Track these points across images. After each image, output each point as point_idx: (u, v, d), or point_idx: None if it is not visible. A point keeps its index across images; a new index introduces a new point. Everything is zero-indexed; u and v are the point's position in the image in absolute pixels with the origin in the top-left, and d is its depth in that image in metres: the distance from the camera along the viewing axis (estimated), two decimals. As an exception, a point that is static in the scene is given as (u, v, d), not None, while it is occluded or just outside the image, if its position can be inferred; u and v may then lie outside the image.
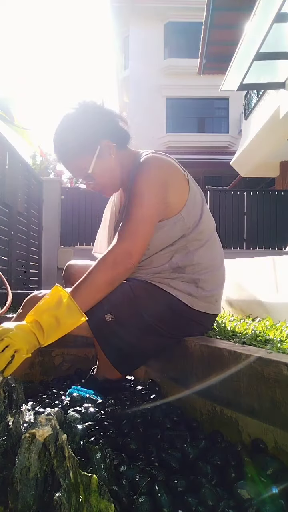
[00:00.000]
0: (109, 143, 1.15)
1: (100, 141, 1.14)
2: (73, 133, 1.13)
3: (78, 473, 0.64)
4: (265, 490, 0.75)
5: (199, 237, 1.21)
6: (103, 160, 1.15)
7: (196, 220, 1.20)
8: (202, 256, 1.22)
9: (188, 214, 1.18)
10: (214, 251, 1.28)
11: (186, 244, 1.20)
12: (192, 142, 14.39)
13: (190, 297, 1.20)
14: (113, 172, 1.19)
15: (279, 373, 0.85)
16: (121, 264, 1.06)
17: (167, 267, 1.21)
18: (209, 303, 1.24)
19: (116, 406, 1.17)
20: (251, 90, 7.78)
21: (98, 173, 1.16)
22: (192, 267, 1.20)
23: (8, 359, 0.89)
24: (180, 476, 0.80)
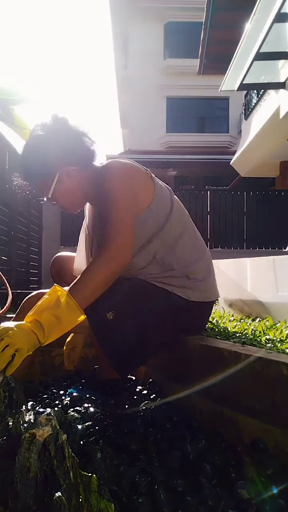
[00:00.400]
0: (68, 169, 1.19)
1: (59, 168, 1.18)
2: (33, 160, 1.17)
3: (78, 473, 0.64)
4: (265, 490, 0.75)
5: (174, 229, 1.24)
6: (63, 185, 1.20)
7: (166, 212, 1.24)
8: (183, 247, 1.25)
9: (157, 207, 1.22)
10: (194, 240, 1.31)
11: (163, 238, 1.22)
12: (192, 142, 14.38)
13: (184, 289, 1.22)
14: (74, 194, 1.24)
15: (279, 373, 0.85)
16: (117, 260, 1.08)
17: (155, 267, 1.23)
18: (204, 291, 1.26)
19: (116, 406, 1.17)
20: (251, 90, 7.77)
21: (58, 196, 1.22)
22: (178, 261, 1.23)
23: (8, 359, 0.89)
24: (180, 476, 0.80)
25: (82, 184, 1.24)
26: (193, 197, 8.19)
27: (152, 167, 5.93)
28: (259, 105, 7.52)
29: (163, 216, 1.23)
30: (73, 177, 1.21)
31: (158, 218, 1.22)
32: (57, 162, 1.17)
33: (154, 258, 1.22)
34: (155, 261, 1.22)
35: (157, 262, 1.22)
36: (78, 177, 1.22)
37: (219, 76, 6.27)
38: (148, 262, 1.22)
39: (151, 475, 0.79)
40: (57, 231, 7.66)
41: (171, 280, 1.22)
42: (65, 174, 1.20)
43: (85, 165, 1.22)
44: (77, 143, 1.20)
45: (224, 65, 5.84)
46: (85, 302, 1.04)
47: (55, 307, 0.98)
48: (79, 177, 1.22)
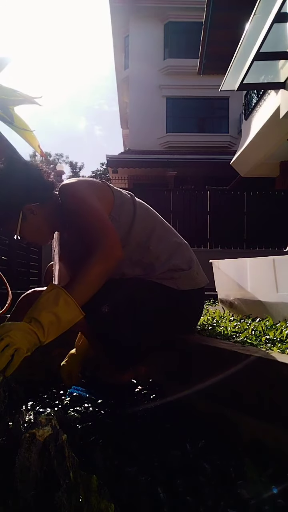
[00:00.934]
0: (30, 206, 1.22)
1: (21, 208, 1.22)
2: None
3: (78, 473, 0.64)
4: (265, 490, 0.75)
5: (142, 230, 1.28)
6: (28, 222, 1.24)
7: (130, 216, 1.28)
8: (157, 244, 1.29)
9: (120, 213, 1.26)
10: (166, 235, 1.34)
11: (134, 241, 1.26)
12: (192, 142, 14.38)
13: (173, 279, 1.27)
14: (40, 228, 1.28)
15: (279, 373, 0.85)
16: (110, 256, 1.10)
17: (137, 269, 1.27)
18: (192, 279, 1.31)
19: (116, 406, 1.17)
20: (251, 90, 7.77)
21: (26, 234, 1.27)
22: (156, 258, 1.27)
23: (8, 359, 0.89)
24: (180, 476, 0.80)
25: (46, 216, 1.28)
26: (193, 197, 8.19)
27: (152, 167, 5.93)
28: (259, 105, 7.52)
29: (128, 220, 1.27)
30: (37, 213, 1.25)
31: (122, 223, 1.25)
32: (18, 203, 1.21)
33: (131, 261, 1.26)
34: (134, 263, 1.27)
35: (136, 264, 1.27)
36: (42, 211, 1.26)
37: (219, 76, 6.26)
38: (127, 266, 1.26)
39: (151, 475, 0.79)
40: (57, 231, 7.65)
41: (158, 276, 1.26)
42: (28, 212, 1.23)
43: (47, 197, 1.26)
44: (34, 180, 1.24)
45: (224, 65, 5.83)
46: (82, 300, 1.05)
47: (53, 305, 0.99)
48: (43, 211, 1.26)
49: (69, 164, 31.73)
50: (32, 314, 0.99)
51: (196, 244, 7.81)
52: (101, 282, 1.10)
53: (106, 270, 1.09)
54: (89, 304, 1.11)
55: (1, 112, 1.16)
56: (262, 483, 0.78)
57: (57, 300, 0.99)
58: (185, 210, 8.01)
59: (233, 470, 0.83)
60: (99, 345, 1.32)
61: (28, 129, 1.23)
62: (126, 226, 1.26)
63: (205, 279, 1.39)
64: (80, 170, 32.17)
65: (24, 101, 1.20)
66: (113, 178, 14.63)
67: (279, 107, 6.05)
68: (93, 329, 1.20)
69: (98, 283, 1.09)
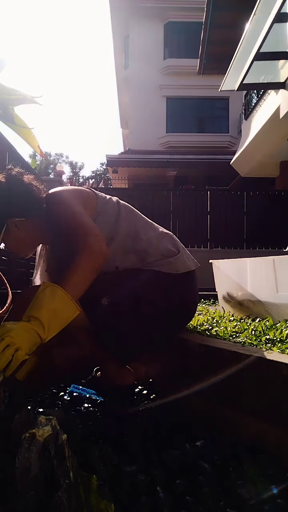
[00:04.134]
0: (14, 220, 1.27)
1: (5, 221, 1.27)
2: None
3: (78, 473, 0.64)
4: (265, 490, 0.75)
5: (129, 221, 1.34)
6: (11, 234, 1.29)
7: (115, 212, 1.34)
8: (146, 232, 1.35)
9: (104, 209, 1.32)
10: (152, 225, 1.42)
11: (123, 232, 1.31)
12: (192, 142, 14.38)
13: (170, 264, 1.30)
14: (23, 241, 1.33)
15: (279, 373, 0.85)
16: (96, 251, 1.14)
17: (131, 256, 1.30)
18: (186, 261, 1.35)
19: (116, 406, 1.17)
20: (251, 90, 7.77)
21: (8, 244, 1.33)
22: (148, 244, 1.31)
23: (9, 359, 0.89)
24: (180, 476, 0.80)
25: (31, 231, 1.32)
26: (193, 197, 8.19)
27: (152, 167, 5.94)
28: (259, 105, 7.52)
29: (114, 216, 1.33)
30: (20, 227, 1.29)
31: (109, 218, 1.31)
32: (2, 217, 1.26)
33: (124, 249, 1.30)
34: (127, 251, 1.30)
35: (130, 251, 1.30)
36: (27, 226, 1.30)
37: (219, 76, 6.26)
38: (121, 256, 1.29)
39: (151, 475, 0.79)
40: (57, 231, 7.64)
41: (154, 263, 1.30)
42: (12, 225, 1.28)
43: (32, 213, 1.29)
44: (25, 194, 1.27)
45: (224, 65, 5.83)
46: (77, 295, 1.07)
47: (50, 302, 1.00)
48: (28, 225, 1.30)
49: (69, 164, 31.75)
50: (30, 312, 0.99)
51: (196, 244, 7.81)
52: (92, 276, 1.12)
53: (94, 264, 1.12)
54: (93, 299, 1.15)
55: (1, 112, 1.15)
56: (262, 483, 0.78)
57: (54, 297, 1.01)
58: (185, 210, 8.02)
59: (233, 470, 0.83)
60: (100, 347, 1.32)
61: (28, 129, 1.23)
62: (113, 218, 1.32)
63: (196, 262, 1.43)
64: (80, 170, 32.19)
65: (24, 100, 1.20)
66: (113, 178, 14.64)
67: (279, 107, 6.05)
68: (95, 324, 1.20)
69: (89, 277, 1.11)
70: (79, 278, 1.09)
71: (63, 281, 1.07)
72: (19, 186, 1.29)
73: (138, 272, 1.28)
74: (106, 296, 1.20)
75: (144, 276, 1.27)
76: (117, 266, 1.28)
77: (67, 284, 1.05)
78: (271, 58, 5.30)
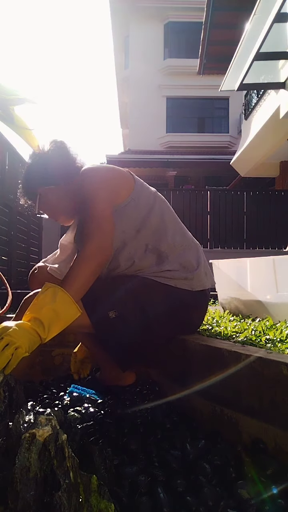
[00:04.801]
0: (45, 189, 1.30)
1: (37, 190, 1.31)
2: (22, 183, 1.36)
3: (78, 473, 0.64)
4: (265, 490, 0.75)
5: (160, 217, 1.30)
6: (44, 202, 1.33)
7: (149, 203, 1.30)
8: (174, 236, 1.30)
9: (139, 197, 1.28)
10: (182, 230, 1.36)
11: (152, 227, 1.27)
12: (192, 142, 14.37)
13: (187, 281, 1.26)
14: (57, 208, 1.35)
15: (279, 373, 0.85)
16: (97, 257, 1.13)
17: (151, 256, 1.26)
18: (204, 278, 1.31)
19: (116, 406, 1.17)
20: (251, 90, 7.76)
21: (46, 212, 1.37)
22: (171, 249, 1.27)
23: (8, 358, 0.89)
24: (180, 476, 0.80)
25: (63, 199, 1.32)
26: (193, 197, 8.18)
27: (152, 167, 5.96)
28: (259, 105, 7.52)
29: (147, 207, 1.28)
30: (53, 195, 1.31)
31: (141, 207, 1.27)
32: (33, 185, 1.31)
33: (147, 248, 1.26)
34: (148, 250, 1.26)
35: (151, 251, 1.26)
36: (58, 193, 1.31)
37: (219, 76, 6.25)
38: (141, 252, 1.26)
39: (151, 475, 0.79)
40: (57, 232, 7.65)
41: (170, 273, 1.25)
42: (43, 193, 1.31)
43: (64, 182, 1.30)
44: (61, 163, 1.29)
45: (224, 65, 5.83)
46: (78, 297, 1.07)
47: (52, 302, 1.00)
48: (59, 193, 1.31)
49: (69, 164, 31.65)
50: (31, 313, 0.99)
51: (196, 244, 7.80)
52: (94, 277, 1.13)
53: (96, 267, 1.12)
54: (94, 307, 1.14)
55: (1, 112, 1.16)
56: (262, 483, 0.78)
57: (55, 297, 1.01)
58: (185, 210, 8.01)
59: (233, 470, 0.83)
60: (101, 350, 1.32)
61: (28, 129, 1.24)
62: (145, 210, 1.28)
63: (212, 279, 1.38)
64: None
65: (24, 100, 1.20)
66: (113, 178, 14.58)
67: (279, 107, 6.04)
68: (97, 331, 1.20)
69: (91, 279, 1.12)
70: (80, 279, 1.08)
71: (65, 281, 1.07)
72: (55, 157, 1.30)
73: (152, 285, 1.23)
74: (114, 309, 1.17)
75: (157, 290, 1.22)
76: (134, 261, 1.26)
77: (69, 285, 1.05)
78: (271, 58, 5.30)
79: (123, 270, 1.27)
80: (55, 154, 1.30)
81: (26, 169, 1.34)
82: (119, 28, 14.87)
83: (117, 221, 1.23)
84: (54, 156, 1.30)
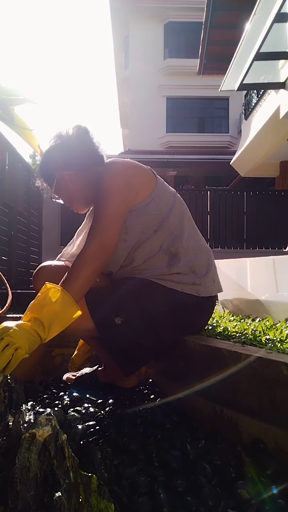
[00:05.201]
0: (63, 174, 1.27)
1: (54, 174, 1.28)
2: (40, 164, 1.34)
3: (78, 473, 0.64)
4: (265, 490, 0.75)
5: (178, 220, 1.28)
6: (61, 187, 1.30)
7: (170, 203, 1.28)
8: (189, 238, 1.28)
9: (160, 196, 1.26)
10: (197, 234, 1.35)
11: (169, 229, 1.25)
12: (192, 142, 14.38)
13: (194, 286, 1.24)
14: (73, 194, 1.32)
15: (279, 373, 0.85)
16: (98, 258, 1.13)
17: (163, 256, 1.24)
18: (211, 285, 1.29)
19: (116, 406, 1.17)
20: (251, 90, 7.76)
21: (62, 197, 1.35)
22: (185, 252, 1.25)
23: (8, 358, 0.89)
24: (180, 476, 0.80)
25: (79, 186, 1.29)
26: (193, 197, 8.19)
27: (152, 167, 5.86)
28: (259, 105, 7.52)
29: (167, 207, 1.26)
30: (69, 181, 1.28)
31: (161, 207, 1.25)
32: (51, 168, 1.28)
33: (161, 248, 1.24)
34: (162, 251, 1.25)
35: (164, 251, 1.25)
36: (76, 180, 1.28)
37: (219, 76, 6.26)
38: (155, 252, 1.24)
39: (151, 475, 0.79)
40: (57, 231, 7.66)
41: (180, 277, 1.23)
42: (61, 178, 1.28)
43: (84, 169, 1.27)
44: (80, 149, 1.27)
45: (224, 65, 5.83)
46: (78, 297, 1.07)
47: (51, 302, 1.00)
48: (77, 180, 1.28)
49: (69, 164, 31.62)
50: (31, 313, 0.99)
51: (196, 244, 7.80)
52: (95, 276, 1.13)
53: (96, 267, 1.12)
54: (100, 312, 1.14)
55: (1, 112, 1.16)
56: (262, 483, 0.78)
57: (55, 298, 1.01)
58: (185, 210, 8.00)
59: (233, 470, 0.83)
60: (105, 352, 1.32)
61: (28, 129, 1.23)
62: (164, 210, 1.26)
63: (220, 286, 1.35)
64: (80, 170, 32.07)
65: (24, 101, 1.20)
66: (113, 178, 14.57)
67: (279, 107, 6.05)
68: (103, 338, 1.19)
69: (91, 278, 1.12)
70: (80, 279, 1.08)
71: (65, 281, 1.07)
72: (76, 143, 1.28)
73: (158, 289, 1.21)
74: (121, 315, 1.16)
75: (163, 295, 1.21)
76: (146, 260, 1.25)
77: (69, 286, 1.05)
78: (271, 58, 5.30)
79: (134, 267, 1.26)
80: (78, 139, 1.28)
81: (46, 152, 1.31)
82: (119, 28, 14.87)
83: (136, 219, 1.22)
84: (77, 141, 1.27)
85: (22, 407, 0.81)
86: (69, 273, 1.10)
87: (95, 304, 1.15)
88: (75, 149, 1.26)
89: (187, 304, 1.23)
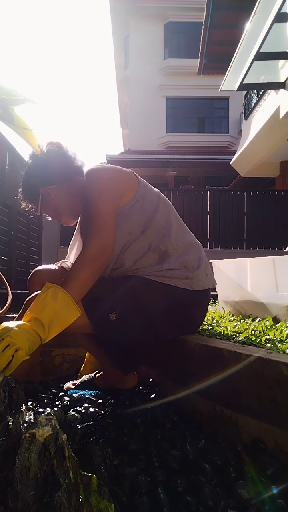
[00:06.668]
0: (46, 189, 1.31)
1: (38, 190, 1.32)
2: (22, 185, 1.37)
3: (78, 473, 0.64)
4: (265, 490, 0.75)
5: (164, 218, 1.30)
6: (46, 202, 1.34)
7: (154, 203, 1.30)
8: (177, 236, 1.30)
9: (143, 197, 1.28)
10: (185, 230, 1.36)
11: (156, 227, 1.27)
12: (192, 142, 14.38)
13: (188, 280, 1.25)
14: (59, 208, 1.35)
15: (279, 373, 0.85)
16: (99, 259, 1.13)
17: (153, 255, 1.25)
18: (204, 278, 1.30)
19: (116, 406, 1.17)
20: (251, 90, 7.76)
21: (49, 213, 1.38)
22: (174, 249, 1.27)
23: (9, 359, 0.89)
24: (180, 476, 0.80)
25: (64, 198, 1.33)
26: (193, 197, 8.19)
27: (152, 167, 5.98)
28: (259, 105, 7.52)
29: (152, 207, 1.29)
30: (55, 195, 1.31)
31: (146, 208, 1.27)
32: (37, 185, 1.32)
33: (150, 247, 1.26)
34: (151, 250, 1.26)
35: (153, 250, 1.26)
36: (60, 193, 1.32)
37: (219, 76, 6.25)
38: (144, 252, 1.26)
39: (151, 475, 0.79)
40: (57, 231, 7.66)
41: (172, 273, 1.24)
42: (45, 194, 1.31)
43: (65, 181, 1.31)
44: (60, 163, 1.31)
45: (224, 65, 5.83)
46: (78, 297, 1.08)
47: (52, 303, 1.00)
48: (61, 193, 1.32)
49: (69, 164, 31.63)
50: (31, 313, 0.99)
51: (196, 244, 7.80)
52: (95, 277, 1.13)
53: (96, 269, 1.13)
54: (95, 309, 1.14)
55: (1, 112, 1.16)
56: (262, 483, 0.78)
57: (55, 298, 1.01)
58: (185, 210, 8.01)
59: (233, 470, 0.83)
60: (102, 353, 1.32)
61: (28, 129, 1.23)
62: (150, 211, 1.28)
63: (213, 280, 1.37)
64: (80, 170, 32.06)
65: (24, 101, 1.20)
66: (113, 178, 14.56)
67: (279, 107, 6.05)
68: (98, 334, 1.19)
69: (91, 278, 1.12)
70: (81, 281, 1.09)
71: (65, 282, 1.07)
72: (53, 157, 1.31)
73: (152, 285, 1.22)
74: (115, 311, 1.17)
75: (157, 290, 1.21)
76: (137, 260, 1.26)
77: (70, 287, 1.05)
78: (271, 58, 5.30)
79: (125, 269, 1.27)
80: (52, 154, 1.31)
81: (26, 172, 1.35)
82: (119, 28, 14.88)
83: (122, 223, 1.23)
84: (52, 156, 1.31)
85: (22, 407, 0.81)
86: (69, 273, 1.10)
87: (90, 300, 1.15)
88: (53, 162, 1.30)
89: (181, 298, 1.24)
